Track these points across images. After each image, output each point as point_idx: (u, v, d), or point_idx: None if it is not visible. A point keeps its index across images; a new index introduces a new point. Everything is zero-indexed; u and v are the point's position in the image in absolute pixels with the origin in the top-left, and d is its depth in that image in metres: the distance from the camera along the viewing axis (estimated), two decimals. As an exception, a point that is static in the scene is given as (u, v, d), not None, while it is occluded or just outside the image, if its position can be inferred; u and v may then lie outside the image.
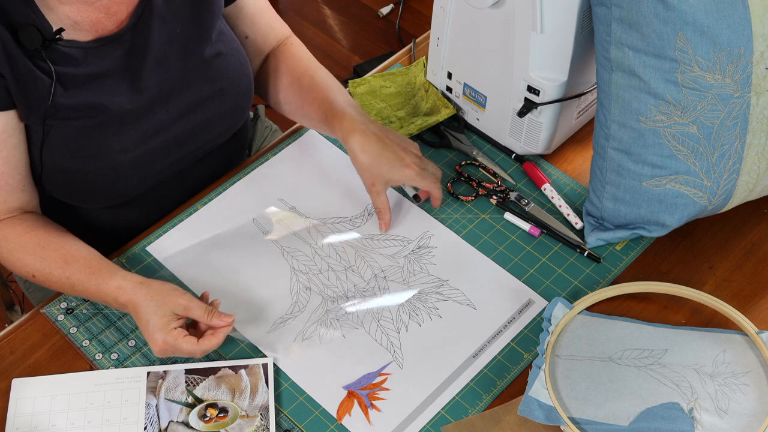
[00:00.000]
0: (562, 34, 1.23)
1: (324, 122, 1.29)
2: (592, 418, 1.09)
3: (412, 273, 1.25)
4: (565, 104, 1.32)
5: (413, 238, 1.29)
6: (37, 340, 1.19)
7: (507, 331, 1.19)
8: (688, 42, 1.11)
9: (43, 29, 1.11)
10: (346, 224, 1.30)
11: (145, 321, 1.10)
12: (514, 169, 1.38)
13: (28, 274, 1.18)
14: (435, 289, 1.23)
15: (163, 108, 1.23)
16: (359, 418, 1.11)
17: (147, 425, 1.10)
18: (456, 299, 1.22)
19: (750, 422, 1.09)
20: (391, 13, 2.94)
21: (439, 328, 1.19)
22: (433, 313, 1.20)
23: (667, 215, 1.22)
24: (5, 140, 1.15)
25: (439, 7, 1.35)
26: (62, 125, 1.16)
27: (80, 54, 1.15)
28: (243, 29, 1.36)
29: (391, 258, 1.26)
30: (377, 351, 1.17)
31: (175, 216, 1.31)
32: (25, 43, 1.10)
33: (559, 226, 1.30)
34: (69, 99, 1.15)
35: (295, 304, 1.22)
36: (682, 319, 1.21)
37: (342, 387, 1.14)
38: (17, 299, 1.67)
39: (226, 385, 1.13)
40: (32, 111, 1.14)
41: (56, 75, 1.13)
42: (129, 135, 1.20)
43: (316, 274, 1.25)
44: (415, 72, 1.50)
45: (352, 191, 1.34)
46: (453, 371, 1.15)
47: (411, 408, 1.12)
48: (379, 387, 1.13)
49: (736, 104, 1.14)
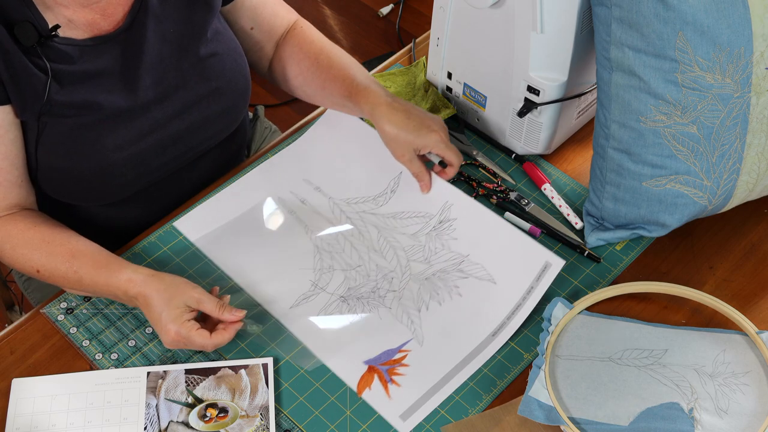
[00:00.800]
0: (562, 34, 1.23)
1: (348, 98, 1.29)
2: (592, 418, 1.09)
3: (433, 252, 1.26)
4: (565, 104, 1.32)
5: (434, 213, 1.30)
6: (37, 340, 1.19)
7: (526, 303, 1.19)
8: (688, 42, 1.11)
9: (39, 26, 1.12)
10: (370, 203, 1.32)
11: (157, 313, 1.10)
12: (514, 169, 1.38)
13: (33, 269, 1.18)
14: (456, 266, 1.25)
15: (159, 106, 1.23)
16: (379, 392, 1.13)
17: (147, 425, 1.10)
18: (476, 275, 1.24)
19: (750, 422, 1.09)
20: (391, 13, 2.93)
21: (459, 306, 1.21)
22: (453, 292, 1.22)
23: (667, 215, 1.22)
24: (2, 135, 1.15)
25: (439, 7, 1.35)
26: (57, 122, 1.17)
27: (76, 51, 1.15)
28: (246, 22, 1.36)
29: (413, 237, 1.28)
30: (398, 328, 1.19)
31: (174, 216, 1.31)
32: (21, 39, 1.10)
33: (559, 226, 1.30)
34: (64, 96, 1.15)
35: (318, 280, 1.24)
36: (682, 319, 1.21)
37: (363, 362, 1.16)
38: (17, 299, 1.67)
39: (226, 385, 1.13)
40: (27, 107, 1.14)
41: (52, 72, 1.13)
42: (123, 133, 1.21)
43: (339, 252, 1.27)
44: (415, 72, 1.50)
45: (375, 171, 1.35)
46: (472, 349, 1.17)
47: (430, 384, 1.14)
48: (399, 363, 1.15)
49: (736, 104, 1.14)
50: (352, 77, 1.29)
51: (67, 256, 1.16)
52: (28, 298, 1.49)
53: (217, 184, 1.36)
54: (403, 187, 1.33)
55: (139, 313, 1.20)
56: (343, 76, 1.30)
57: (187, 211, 1.32)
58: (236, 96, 1.31)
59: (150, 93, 1.21)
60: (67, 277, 1.16)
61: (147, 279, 1.12)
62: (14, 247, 1.18)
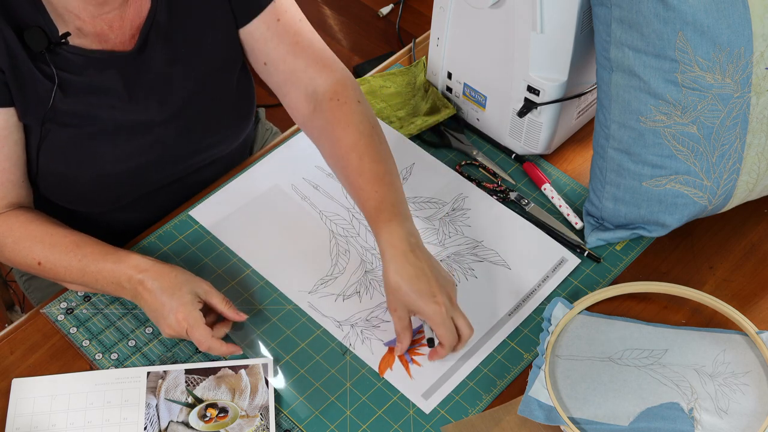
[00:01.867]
0: (562, 34, 1.23)
1: (368, 218, 1.17)
2: (592, 418, 1.09)
3: (447, 235, 1.28)
4: (565, 104, 1.32)
5: (448, 201, 1.32)
6: (37, 340, 1.19)
7: (540, 290, 1.22)
8: (688, 42, 1.11)
9: (49, 32, 1.11)
10: None
11: (160, 298, 1.10)
12: (514, 169, 1.38)
13: (34, 262, 1.16)
14: (470, 250, 1.27)
15: (161, 126, 1.23)
16: (400, 372, 1.15)
17: (147, 425, 1.10)
18: (490, 259, 1.26)
19: (750, 422, 1.09)
20: (391, 13, 2.93)
21: (474, 287, 1.23)
22: (468, 274, 1.24)
23: (667, 215, 1.22)
24: (7, 136, 1.15)
25: (439, 7, 1.35)
26: (59, 130, 1.17)
27: (82, 62, 1.15)
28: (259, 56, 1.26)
29: (426, 220, 1.30)
30: None
31: (174, 216, 1.31)
32: (30, 44, 1.10)
33: (559, 226, 1.30)
34: (68, 105, 1.15)
35: (335, 266, 1.25)
36: (682, 319, 1.21)
37: (384, 344, 1.17)
38: (17, 299, 1.67)
39: (226, 385, 1.14)
40: (30, 111, 1.14)
41: (58, 79, 1.13)
42: (123, 147, 1.21)
43: (354, 236, 1.28)
44: (415, 72, 1.50)
45: None
46: (489, 328, 1.19)
47: (450, 363, 1.16)
48: (419, 343, 1.17)
49: (736, 104, 1.14)
50: (381, 199, 1.15)
51: (71, 246, 1.15)
52: (28, 297, 1.49)
53: (217, 184, 1.36)
54: (415, 176, 1.35)
55: (139, 313, 1.21)
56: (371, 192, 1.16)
57: (203, 200, 1.33)
58: (241, 118, 1.32)
59: (154, 112, 1.21)
60: (70, 268, 1.15)
61: (155, 264, 1.13)
62: (16, 241, 1.17)
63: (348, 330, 1.19)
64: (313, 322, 1.20)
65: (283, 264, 1.26)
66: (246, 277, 1.25)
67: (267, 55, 1.26)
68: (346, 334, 1.19)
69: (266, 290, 1.23)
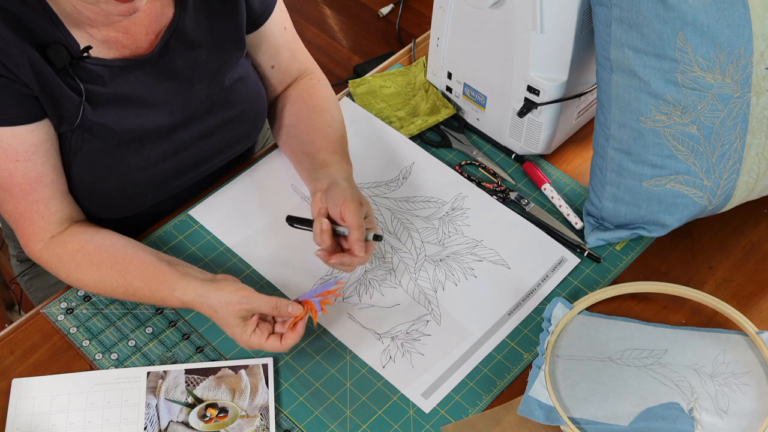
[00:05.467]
0: (562, 34, 1.23)
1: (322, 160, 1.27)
2: (592, 418, 1.09)
3: (447, 235, 1.29)
4: (565, 104, 1.32)
5: (447, 200, 1.33)
6: (37, 340, 1.19)
7: (540, 289, 1.23)
8: (688, 42, 1.11)
9: (70, 47, 1.11)
10: (382, 188, 1.35)
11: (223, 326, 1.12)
12: (514, 169, 1.38)
13: (88, 290, 1.20)
14: (470, 249, 1.27)
15: (185, 130, 1.24)
16: (399, 370, 1.16)
17: (147, 425, 1.10)
18: (490, 259, 1.26)
19: (750, 422, 1.09)
20: (391, 13, 2.93)
21: (474, 287, 1.23)
22: (468, 273, 1.25)
23: (667, 215, 1.22)
24: (50, 148, 1.15)
25: (439, 7, 1.35)
26: (89, 141, 1.17)
27: (107, 73, 1.15)
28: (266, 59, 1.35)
29: (426, 220, 1.31)
30: (415, 308, 1.21)
31: (174, 216, 1.31)
32: (54, 61, 1.10)
33: (559, 226, 1.30)
34: (96, 117, 1.16)
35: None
36: (682, 319, 1.21)
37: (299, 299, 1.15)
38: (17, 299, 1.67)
39: (226, 385, 1.14)
40: (63, 125, 1.15)
41: (85, 92, 1.13)
42: (149, 155, 1.22)
43: None
44: (415, 72, 1.50)
45: (387, 157, 1.38)
46: (489, 328, 1.19)
47: (450, 362, 1.16)
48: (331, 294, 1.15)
49: (736, 104, 1.14)
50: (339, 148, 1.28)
51: (119, 279, 1.16)
52: (30, 297, 1.49)
53: (218, 184, 1.36)
54: (415, 176, 1.36)
55: (140, 313, 1.21)
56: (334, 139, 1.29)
57: (202, 200, 1.33)
58: (256, 119, 1.32)
59: (178, 116, 1.22)
60: (125, 295, 1.17)
61: (196, 301, 1.13)
62: (68, 273, 1.18)
63: (388, 342, 1.19)
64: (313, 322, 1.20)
65: (282, 264, 1.26)
66: (246, 277, 1.25)
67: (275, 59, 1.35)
68: (386, 346, 1.18)
69: (266, 290, 1.23)
